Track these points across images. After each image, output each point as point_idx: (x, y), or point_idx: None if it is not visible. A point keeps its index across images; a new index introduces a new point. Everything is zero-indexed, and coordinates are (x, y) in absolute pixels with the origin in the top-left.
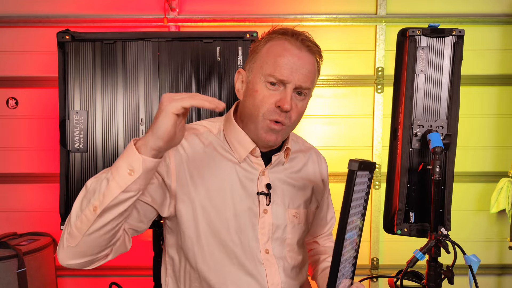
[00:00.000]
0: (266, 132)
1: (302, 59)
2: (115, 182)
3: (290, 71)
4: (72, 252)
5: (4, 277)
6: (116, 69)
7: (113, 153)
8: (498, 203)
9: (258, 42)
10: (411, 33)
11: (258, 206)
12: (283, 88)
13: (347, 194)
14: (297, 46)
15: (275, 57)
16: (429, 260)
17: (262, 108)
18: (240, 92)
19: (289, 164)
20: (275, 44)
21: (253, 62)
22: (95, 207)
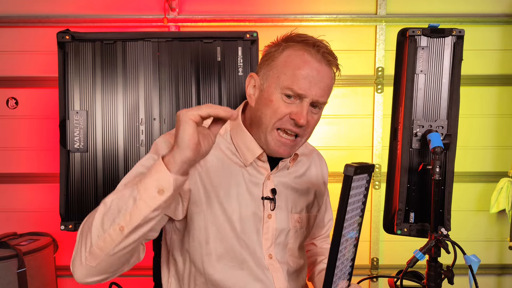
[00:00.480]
0: (278, 146)
1: (321, 73)
2: (143, 202)
3: (308, 85)
4: (92, 270)
5: (4, 277)
6: (116, 69)
7: (113, 153)
8: (498, 203)
9: (275, 47)
10: (411, 33)
11: (263, 211)
12: (299, 102)
13: (342, 199)
14: (318, 59)
15: (294, 69)
16: (429, 260)
17: (274, 118)
18: (252, 98)
19: (293, 169)
20: (294, 55)
21: (268, 69)
22: (121, 227)
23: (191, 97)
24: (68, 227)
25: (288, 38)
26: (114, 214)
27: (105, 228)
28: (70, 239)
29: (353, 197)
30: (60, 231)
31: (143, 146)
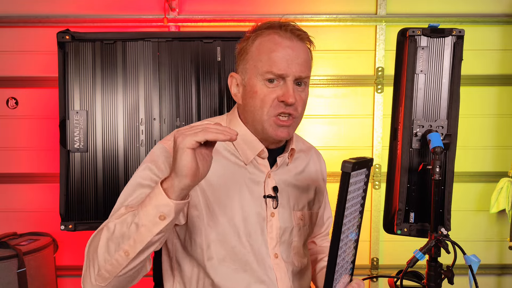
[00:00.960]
0: (275, 129)
1: (295, 49)
2: (145, 228)
3: (286, 64)
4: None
5: (4, 277)
6: (116, 69)
7: (113, 153)
8: (498, 203)
9: (245, 42)
10: (411, 33)
11: (266, 210)
12: (283, 83)
13: (341, 196)
14: (288, 37)
15: (268, 53)
16: (429, 260)
17: (265, 107)
18: (238, 96)
19: (292, 165)
20: (264, 40)
21: (245, 63)
22: (126, 252)
23: (191, 97)
24: (68, 227)
25: (255, 29)
26: (118, 240)
27: (111, 253)
28: (70, 239)
29: (352, 193)
30: (60, 231)
31: (143, 146)
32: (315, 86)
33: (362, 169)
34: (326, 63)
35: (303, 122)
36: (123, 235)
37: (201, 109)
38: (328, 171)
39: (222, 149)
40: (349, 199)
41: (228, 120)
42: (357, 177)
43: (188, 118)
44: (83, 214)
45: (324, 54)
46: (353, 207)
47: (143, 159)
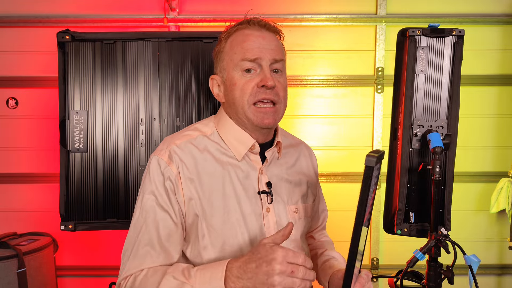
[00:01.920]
0: (261, 118)
1: (266, 37)
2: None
3: (259, 49)
4: None
5: (4, 277)
6: (116, 69)
7: (113, 153)
8: (498, 203)
9: (219, 45)
10: (411, 33)
11: (261, 206)
12: (260, 69)
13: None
14: (257, 29)
15: (240, 44)
16: (429, 260)
17: (245, 96)
18: (220, 95)
19: (283, 160)
20: (235, 36)
21: (221, 61)
22: None
23: (191, 97)
24: (68, 227)
25: (226, 32)
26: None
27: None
28: (70, 239)
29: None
30: (60, 231)
31: (143, 146)
32: (315, 86)
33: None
34: (326, 63)
35: (303, 122)
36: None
37: (201, 109)
38: (327, 171)
39: (213, 149)
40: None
41: (216, 121)
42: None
43: (188, 118)
44: (83, 214)
45: (324, 54)
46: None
47: (143, 159)
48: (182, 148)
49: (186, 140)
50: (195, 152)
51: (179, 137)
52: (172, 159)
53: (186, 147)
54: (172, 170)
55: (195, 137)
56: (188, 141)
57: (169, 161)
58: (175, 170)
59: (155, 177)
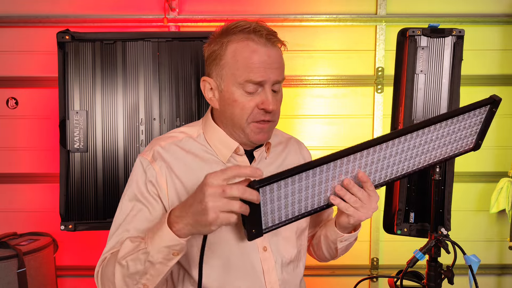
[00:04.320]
0: (256, 134)
1: (271, 56)
2: (160, 264)
3: (264, 71)
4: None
5: (4, 277)
6: (116, 69)
7: (113, 153)
8: (498, 203)
9: (217, 45)
10: (411, 33)
11: None
12: (261, 90)
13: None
14: (263, 44)
15: (245, 61)
16: (429, 260)
17: (244, 115)
18: (213, 100)
19: (272, 159)
20: (239, 47)
21: (220, 69)
22: (145, 285)
23: (191, 97)
24: (68, 227)
25: (225, 32)
26: (135, 276)
27: (129, 287)
28: (70, 239)
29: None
30: (60, 231)
31: (143, 146)
32: (315, 86)
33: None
34: (326, 63)
35: (303, 122)
36: (139, 272)
37: (201, 109)
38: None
39: (199, 151)
40: None
41: (203, 125)
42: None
43: (188, 118)
44: (83, 214)
45: (324, 54)
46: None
47: None
48: (166, 149)
49: (170, 142)
50: (180, 153)
51: (164, 139)
52: (155, 159)
53: (171, 148)
54: (154, 168)
55: (180, 139)
56: (173, 142)
57: (152, 160)
58: (157, 169)
59: (138, 176)
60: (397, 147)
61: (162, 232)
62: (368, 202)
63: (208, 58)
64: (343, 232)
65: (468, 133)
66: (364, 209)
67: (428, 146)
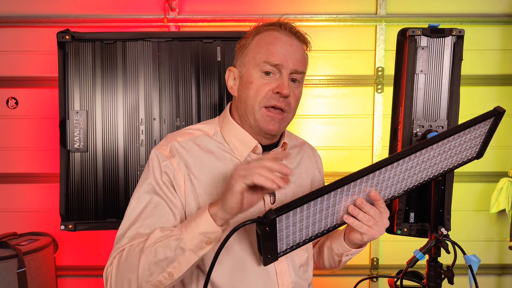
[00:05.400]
0: (267, 122)
1: (293, 45)
2: (191, 252)
3: (283, 56)
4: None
5: (4, 277)
6: (116, 69)
7: (113, 153)
8: (498, 203)
9: (245, 39)
10: (411, 33)
11: (264, 206)
12: (279, 75)
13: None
14: (287, 34)
15: (267, 45)
16: (429, 260)
17: (258, 97)
18: (234, 89)
19: (286, 161)
20: (264, 36)
21: (243, 56)
22: (171, 274)
23: (191, 97)
24: (68, 227)
25: (256, 27)
26: (162, 263)
27: (153, 275)
28: (70, 239)
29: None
30: (60, 231)
31: (143, 146)
32: (315, 86)
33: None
34: (326, 63)
35: (303, 122)
36: (167, 258)
37: (201, 109)
38: (328, 171)
39: (215, 148)
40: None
41: (221, 121)
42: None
43: (188, 118)
44: (83, 214)
45: (324, 54)
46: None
47: (143, 159)
48: (183, 145)
49: (187, 138)
50: (196, 150)
51: (181, 135)
52: (173, 154)
53: (187, 144)
54: (172, 164)
55: (197, 136)
56: (190, 139)
57: (169, 155)
58: (174, 165)
59: (155, 169)
60: (406, 164)
61: (200, 218)
62: (380, 219)
63: (237, 52)
64: (352, 247)
65: (473, 144)
66: (377, 227)
67: (436, 159)
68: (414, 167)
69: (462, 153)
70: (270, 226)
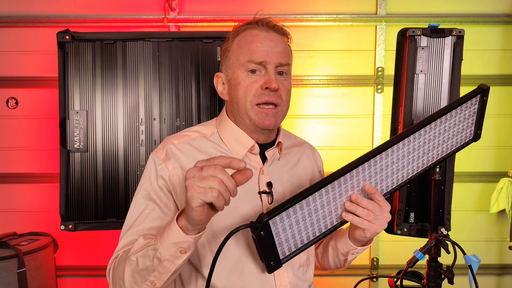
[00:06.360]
0: (262, 118)
1: (273, 39)
2: (168, 262)
3: (266, 52)
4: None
5: (4, 277)
6: (116, 69)
7: (113, 153)
8: (498, 203)
9: (226, 43)
10: (411, 33)
11: (262, 206)
12: (265, 71)
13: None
14: (265, 30)
15: (247, 45)
16: (429, 260)
17: (248, 96)
18: (224, 93)
19: (285, 161)
20: (243, 36)
21: (227, 60)
22: (153, 282)
23: (191, 97)
24: (68, 227)
25: (234, 31)
26: (143, 272)
27: (138, 283)
28: (70, 239)
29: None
30: (60, 231)
31: (143, 146)
32: (315, 86)
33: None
34: (326, 63)
35: (303, 122)
36: (147, 268)
37: (201, 109)
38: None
39: (212, 150)
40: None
41: (218, 122)
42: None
43: (188, 118)
44: (83, 214)
45: (324, 54)
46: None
47: (143, 159)
48: (179, 147)
49: (184, 141)
50: (193, 152)
51: (178, 137)
52: (168, 157)
53: (184, 147)
54: (167, 167)
55: (194, 138)
56: (186, 141)
57: (165, 158)
58: (170, 168)
59: (151, 174)
60: (397, 153)
61: (170, 229)
62: (380, 213)
63: (221, 57)
64: (357, 245)
65: (465, 125)
66: (378, 221)
67: (429, 145)
68: (407, 155)
69: (457, 136)
70: (264, 230)
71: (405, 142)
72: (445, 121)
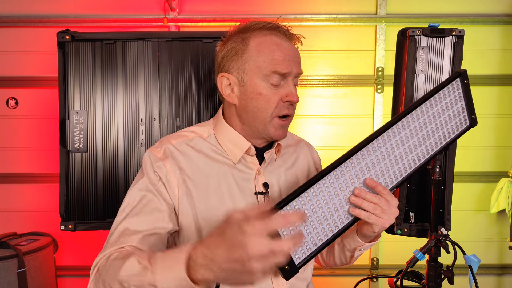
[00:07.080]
0: (278, 130)
1: (293, 49)
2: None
3: (288, 63)
4: None
5: (4, 277)
6: (116, 69)
7: (113, 153)
8: (498, 203)
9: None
10: (411, 33)
11: None
12: (284, 81)
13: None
14: (286, 40)
15: (271, 54)
16: (429, 260)
17: (270, 108)
18: (232, 96)
19: (282, 161)
20: (263, 41)
21: (242, 63)
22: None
23: (191, 97)
24: (68, 227)
25: (244, 29)
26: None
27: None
28: (70, 239)
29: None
30: (60, 231)
31: (143, 146)
32: (315, 86)
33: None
34: (326, 63)
35: (303, 122)
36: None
37: (201, 109)
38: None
39: (209, 151)
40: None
41: (214, 124)
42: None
43: (188, 118)
44: (83, 214)
45: (324, 54)
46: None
47: None
48: (177, 147)
49: (181, 141)
50: (190, 152)
51: (175, 137)
52: (166, 156)
53: (182, 147)
54: (165, 165)
55: (191, 138)
56: (184, 141)
57: (163, 157)
58: (168, 166)
59: (148, 169)
60: (390, 142)
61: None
62: (387, 207)
63: (227, 55)
64: (365, 241)
65: (456, 110)
66: (385, 215)
67: (422, 133)
68: (402, 145)
69: (451, 123)
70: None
71: (395, 131)
72: (430, 108)
